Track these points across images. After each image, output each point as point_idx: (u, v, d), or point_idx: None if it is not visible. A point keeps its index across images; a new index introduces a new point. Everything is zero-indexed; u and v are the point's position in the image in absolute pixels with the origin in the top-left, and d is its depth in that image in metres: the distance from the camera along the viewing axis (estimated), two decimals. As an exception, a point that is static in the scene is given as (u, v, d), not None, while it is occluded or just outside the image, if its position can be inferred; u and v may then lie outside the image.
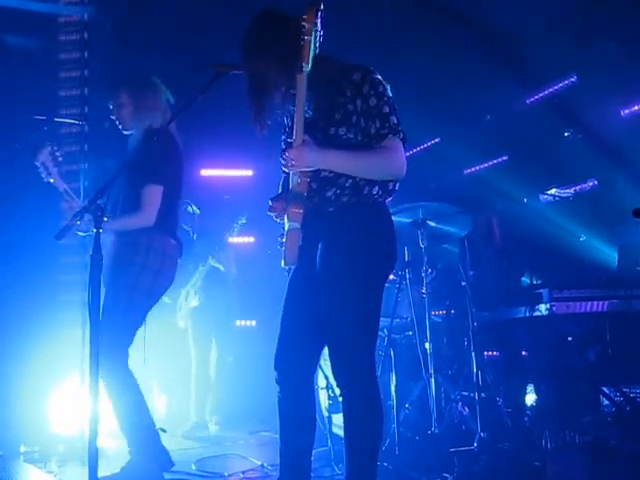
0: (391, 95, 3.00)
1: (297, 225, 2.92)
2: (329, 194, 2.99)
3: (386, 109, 2.95)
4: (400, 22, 6.49)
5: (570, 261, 5.87)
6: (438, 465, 4.32)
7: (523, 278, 5.59)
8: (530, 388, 4.95)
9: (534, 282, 5.33)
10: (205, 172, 8.18)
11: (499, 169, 7.45)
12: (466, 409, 4.78)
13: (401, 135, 2.98)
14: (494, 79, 6.68)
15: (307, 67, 2.82)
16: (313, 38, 2.80)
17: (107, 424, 4.89)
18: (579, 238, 6.07)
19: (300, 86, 2.84)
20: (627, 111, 6.55)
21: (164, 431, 4.30)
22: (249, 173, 8.42)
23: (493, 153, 7.59)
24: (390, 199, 3.11)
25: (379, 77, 3.00)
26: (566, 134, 6.06)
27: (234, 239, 6.58)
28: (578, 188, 6.56)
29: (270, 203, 3.09)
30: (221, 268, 6.40)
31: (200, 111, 3.36)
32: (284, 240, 2.95)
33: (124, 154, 4.32)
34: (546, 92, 7.16)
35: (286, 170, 2.99)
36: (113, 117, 4.35)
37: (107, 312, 3.88)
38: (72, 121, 5.65)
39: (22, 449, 5.04)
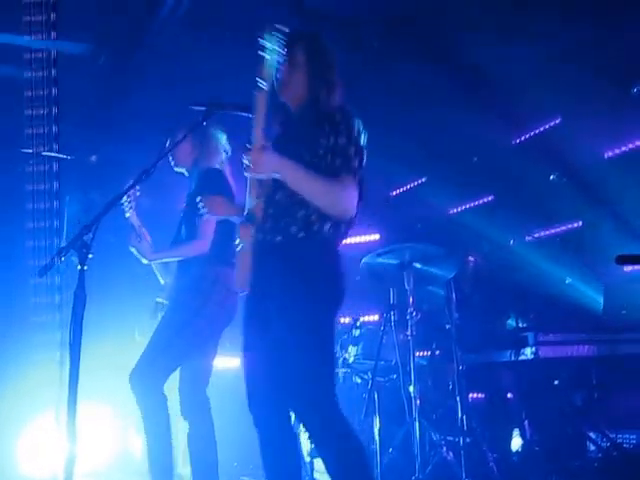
0: (363, 143, 3.06)
1: (247, 246, 2.99)
2: (281, 222, 3.01)
3: (351, 151, 3.00)
4: (387, 63, 6.53)
5: (556, 304, 5.84)
6: (422, 511, 4.25)
7: (509, 321, 5.55)
8: (516, 432, 4.90)
9: (520, 325, 5.30)
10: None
11: (485, 209, 7.45)
12: (450, 454, 4.71)
13: (357, 178, 3.00)
14: (480, 119, 6.70)
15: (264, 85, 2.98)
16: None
17: (82, 465, 4.77)
18: (565, 281, 6.05)
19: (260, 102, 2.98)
20: (611, 153, 6.59)
21: None
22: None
23: (479, 193, 7.59)
24: (342, 241, 3.07)
25: (358, 122, 3.06)
26: (552, 177, 6.04)
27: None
28: (564, 229, 6.56)
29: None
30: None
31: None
32: (237, 261, 3.04)
33: (110, 190, 4.29)
34: (532, 133, 7.19)
35: (247, 174, 3.00)
36: (166, 153, 4.31)
37: (157, 333, 4.07)
38: (58, 155, 5.62)
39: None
